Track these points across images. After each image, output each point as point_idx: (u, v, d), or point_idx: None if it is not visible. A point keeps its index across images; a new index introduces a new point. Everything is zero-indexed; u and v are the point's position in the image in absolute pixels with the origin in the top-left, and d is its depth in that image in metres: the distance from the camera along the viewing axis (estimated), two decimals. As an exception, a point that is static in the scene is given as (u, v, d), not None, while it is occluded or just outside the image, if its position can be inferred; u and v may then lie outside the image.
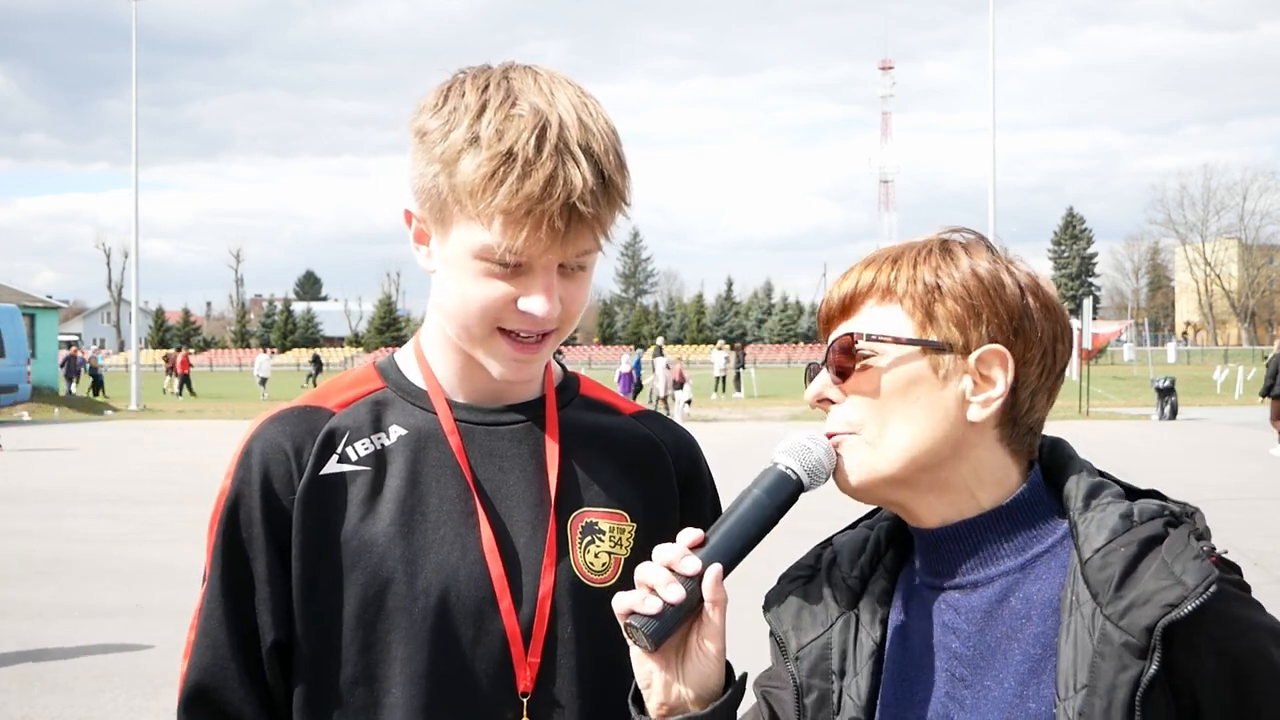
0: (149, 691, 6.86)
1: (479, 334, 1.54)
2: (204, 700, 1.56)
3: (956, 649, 1.37)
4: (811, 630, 1.46)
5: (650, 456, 1.71)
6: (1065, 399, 36.45)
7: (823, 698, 1.43)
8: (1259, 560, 10.69)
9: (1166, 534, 1.30)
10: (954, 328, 1.36)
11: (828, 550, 1.53)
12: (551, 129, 1.44)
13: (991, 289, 1.37)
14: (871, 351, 1.38)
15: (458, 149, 1.46)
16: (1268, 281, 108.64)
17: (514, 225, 1.44)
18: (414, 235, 1.59)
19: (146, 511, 13.79)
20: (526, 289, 1.50)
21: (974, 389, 1.36)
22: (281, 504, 1.56)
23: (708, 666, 1.38)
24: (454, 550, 1.56)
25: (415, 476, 1.58)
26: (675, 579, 1.34)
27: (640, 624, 1.34)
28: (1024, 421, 1.39)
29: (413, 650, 1.53)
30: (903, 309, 1.38)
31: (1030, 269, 1.42)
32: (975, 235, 1.43)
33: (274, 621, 1.56)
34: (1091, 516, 1.33)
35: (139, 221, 42.04)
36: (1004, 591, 1.36)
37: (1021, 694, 1.32)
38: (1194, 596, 1.22)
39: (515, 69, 1.53)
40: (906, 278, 1.39)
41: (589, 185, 1.44)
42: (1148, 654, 1.22)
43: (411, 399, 1.64)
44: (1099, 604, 1.26)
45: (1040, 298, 1.40)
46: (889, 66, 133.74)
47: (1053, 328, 1.39)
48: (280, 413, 1.63)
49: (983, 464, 1.38)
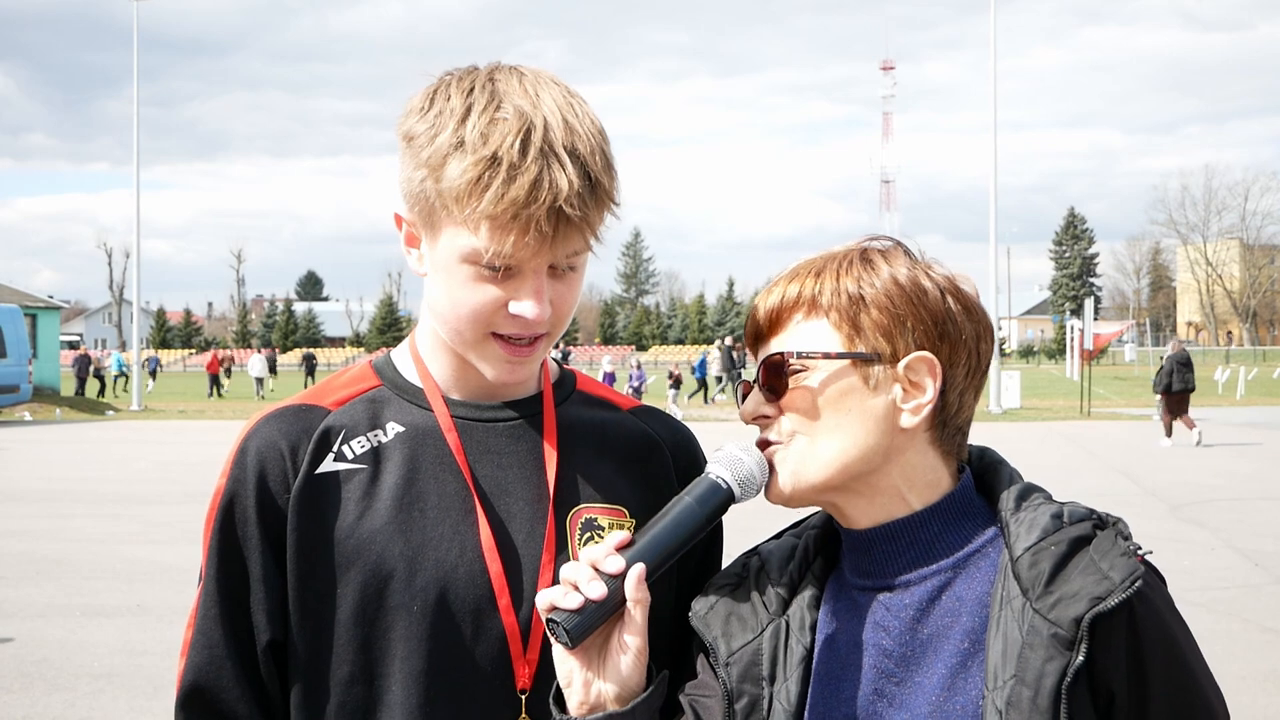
0: (149, 691, 6.86)
1: (471, 338, 1.54)
2: (200, 700, 1.55)
3: (888, 647, 1.40)
4: (741, 636, 1.47)
5: (648, 452, 1.70)
6: (1066, 399, 36.48)
7: (753, 703, 1.44)
8: (1259, 560, 10.68)
9: (1095, 535, 1.34)
10: (881, 338, 1.40)
11: (754, 558, 1.54)
12: (536, 132, 1.43)
13: (914, 296, 1.40)
14: (802, 367, 1.41)
15: (443, 153, 1.45)
16: (1269, 282, 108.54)
17: (501, 230, 1.43)
18: (405, 239, 1.59)
19: (147, 511, 13.78)
20: (516, 292, 1.49)
21: (904, 396, 1.40)
22: (277, 503, 1.56)
23: (629, 665, 1.40)
24: (452, 548, 1.55)
25: (413, 474, 1.58)
26: (598, 577, 1.37)
27: (561, 619, 1.35)
28: (953, 422, 1.43)
29: (411, 648, 1.53)
30: (829, 322, 1.41)
31: (948, 271, 1.46)
32: (893, 242, 1.47)
33: (269, 621, 1.55)
34: (1023, 517, 1.37)
35: (140, 221, 42.06)
36: (936, 590, 1.39)
37: (950, 686, 1.35)
38: (1120, 590, 1.27)
39: (501, 70, 1.52)
40: (831, 290, 1.41)
41: (575, 188, 1.43)
42: (1074, 645, 1.26)
43: (408, 397, 1.64)
44: (1029, 599, 1.31)
45: (960, 299, 1.43)
46: (890, 67, 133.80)
47: (975, 327, 1.43)
48: (275, 411, 1.63)
49: (913, 466, 1.42)
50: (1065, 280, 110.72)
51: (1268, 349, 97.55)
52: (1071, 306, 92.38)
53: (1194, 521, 12.79)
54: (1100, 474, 17.16)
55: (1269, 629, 8.23)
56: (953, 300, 1.42)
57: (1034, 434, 23.66)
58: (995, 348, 1.49)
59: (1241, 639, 7.92)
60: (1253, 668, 7.20)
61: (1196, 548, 11.14)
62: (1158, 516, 13.03)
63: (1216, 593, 9.24)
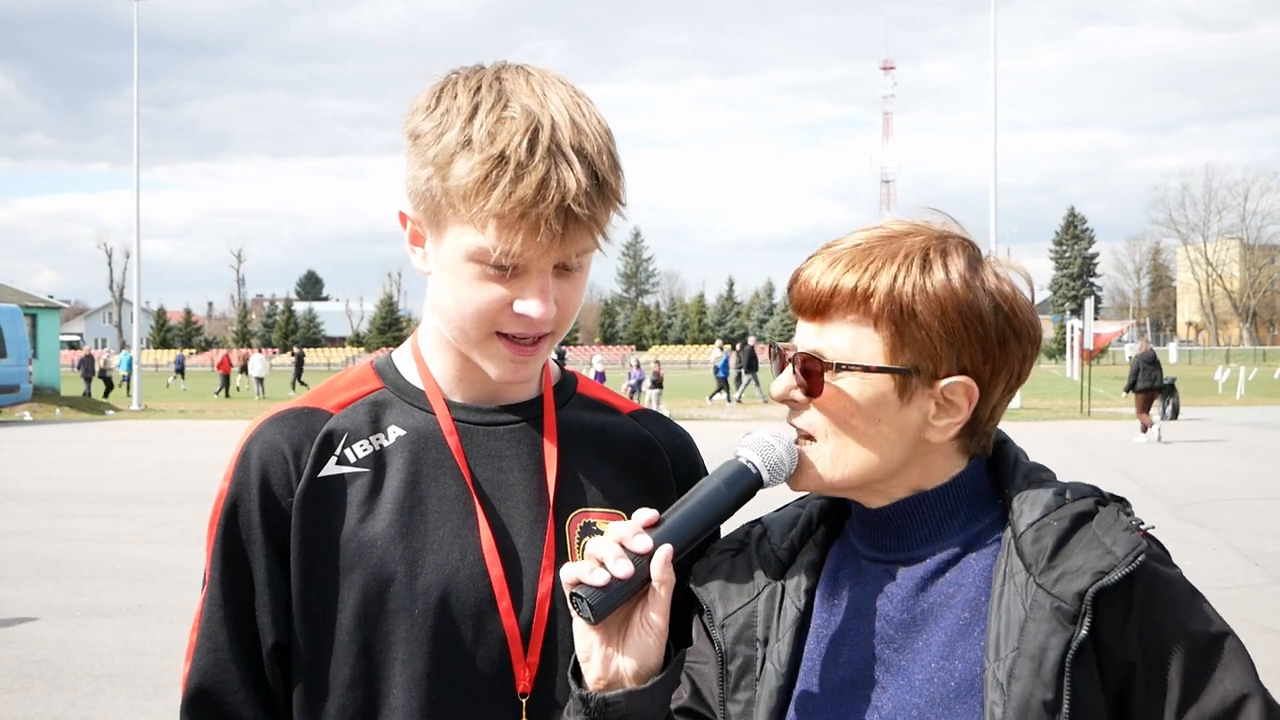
0: (150, 691, 6.86)
1: (475, 337, 1.53)
2: (206, 703, 1.55)
3: (890, 614, 1.41)
4: (738, 599, 1.48)
5: (648, 456, 1.70)
6: (1066, 399, 36.50)
7: (746, 664, 1.45)
8: (1259, 560, 10.68)
9: (1097, 511, 1.36)
10: (924, 355, 1.37)
11: (757, 526, 1.56)
12: (544, 131, 1.43)
13: (967, 317, 1.36)
14: (841, 371, 1.39)
15: (450, 152, 1.45)
16: (1269, 281, 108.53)
17: (509, 229, 1.43)
18: (409, 237, 1.59)
19: (147, 511, 13.78)
20: (522, 291, 1.49)
21: (936, 413, 1.40)
22: (280, 506, 1.56)
23: (649, 644, 1.39)
24: (453, 551, 1.55)
25: (414, 477, 1.58)
26: (625, 555, 1.36)
27: (586, 594, 1.35)
28: (982, 430, 1.44)
29: (413, 651, 1.53)
30: (875, 330, 1.38)
31: (1010, 274, 1.42)
32: (959, 241, 1.42)
33: (274, 624, 1.55)
34: (1026, 494, 1.39)
35: (140, 221, 42.05)
36: (942, 564, 1.41)
37: (948, 654, 1.36)
38: (1123, 565, 1.29)
39: (508, 69, 1.52)
40: (884, 293, 1.36)
41: (583, 187, 1.43)
42: (1078, 619, 1.28)
43: (410, 399, 1.64)
44: (1031, 574, 1.32)
45: (1014, 318, 1.39)
46: (890, 67, 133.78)
47: (1022, 349, 1.41)
48: (278, 414, 1.63)
49: (934, 465, 1.43)
50: (1065, 280, 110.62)
51: (1268, 349, 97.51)
52: (1072, 306, 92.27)
53: (1194, 521, 12.80)
54: (1100, 474, 17.14)
55: (1269, 629, 8.25)
56: (1006, 321, 1.39)
57: (1034, 434, 23.65)
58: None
59: (1242, 639, 7.91)
60: (1253, 668, 7.20)
61: (1196, 548, 11.13)
62: (1158, 516, 13.02)
63: (1216, 593, 9.22)
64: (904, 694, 1.37)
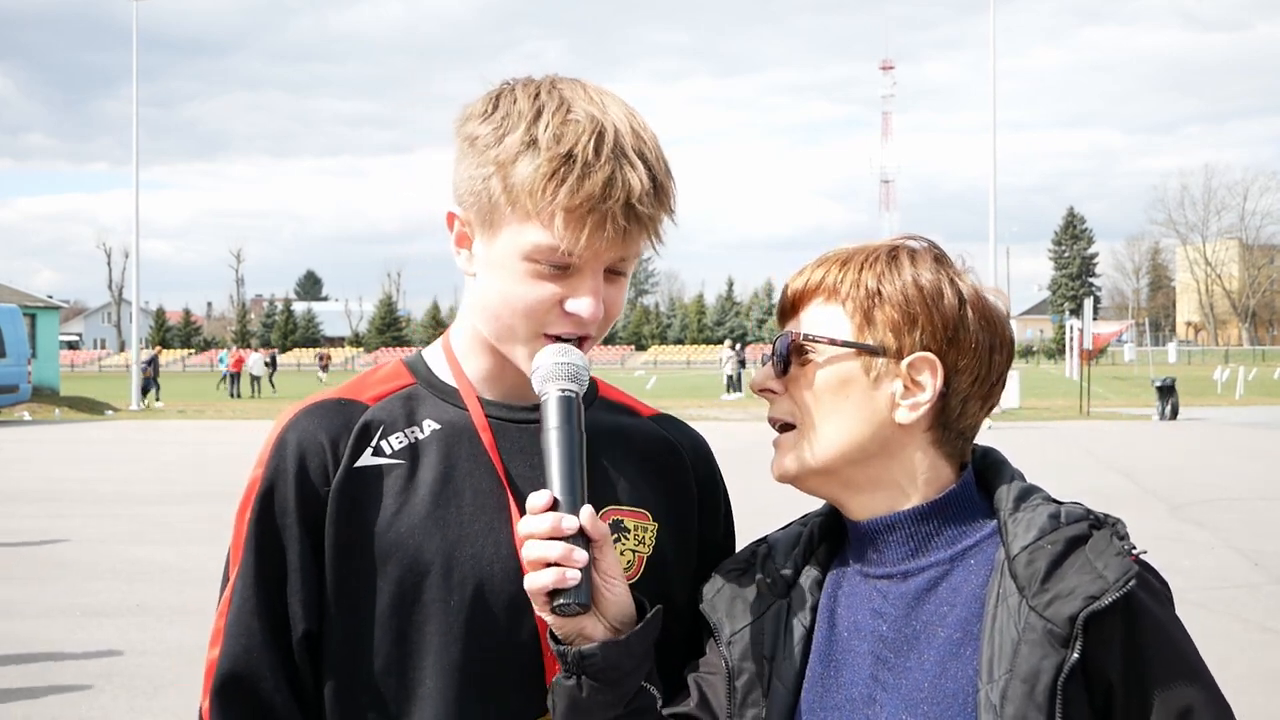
0: (149, 691, 6.87)
1: (523, 335, 1.55)
2: (237, 688, 1.55)
3: (884, 633, 1.45)
4: (744, 617, 1.53)
5: (669, 458, 1.73)
6: (1066, 399, 36.50)
7: (753, 680, 1.50)
8: (1259, 560, 10.68)
9: (1090, 535, 1.38)
10: (889, 333, 1.44)
11: (762, 546, 1.60)
12: (608, 134, 1.48)
13: (930, 299, 1.44)
14: (811, 349, 1.47)
15: (514, 151, 1.49)
16: (1269, 281, 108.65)
17: (576, 224, 1.46)
18: (455, 239, 1.61)
19: (147, 511, 13.79)
20: (574, 290, 1.51)
21: (904, 393, 1.45)
22: (317, 494, 1.57)
23: (619, 591, 1.46)
24: (488, 544, 1.58)
25: (449, 471, 1.60)
26: (568, 543, 1.40)
27: (570, 597, 1.39)
28: (955, 426, 1.48)
29: (447, 642, 1.55)
30: (844, 311, 1.47)
31: (976, 281, 1.50)
32: (927, 243, 1.51)
33: (305, 611, 1.56)
34: (1021, 516, 1.42)
35: (139, 221, 42.06)
36: (932, 581, 1.44)
37: (940, 673, 1.39)
38: (1114, 589, 1.31)
39: (561, 80, 1.56)
40: (851, 281, 1.47)
41: (645, 188, 1.48)
42: (1069, 643, 1.30)
43: (442, 395, 1.66)
44: (1024, 596, 1.35)
45: (980, 310, 1.47)
46: (890, 67, 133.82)
47: (989, 339, 1.47)
48: (314, 404, 1.64)
49: (914, 463, 1.47)
50: (1065, 280, 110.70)
51: (1267, 349, 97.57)
52: (1071, 306, 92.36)
53: (1194, 521, 12.80)
54: (1099, 474, 17.17)
55: (1269, 629, 8.24)
56: (970, 309, 1.46)
57: (1033, 434, 23.68)
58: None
59: (1241, 639, 7.93)
60: (1253, 668, 7.20)
61: (1196, 548, 11.14)
62: (1158, 516, 13.04)
63: (1216, 593, 9.25)
64: (901, 713, 1.40)
